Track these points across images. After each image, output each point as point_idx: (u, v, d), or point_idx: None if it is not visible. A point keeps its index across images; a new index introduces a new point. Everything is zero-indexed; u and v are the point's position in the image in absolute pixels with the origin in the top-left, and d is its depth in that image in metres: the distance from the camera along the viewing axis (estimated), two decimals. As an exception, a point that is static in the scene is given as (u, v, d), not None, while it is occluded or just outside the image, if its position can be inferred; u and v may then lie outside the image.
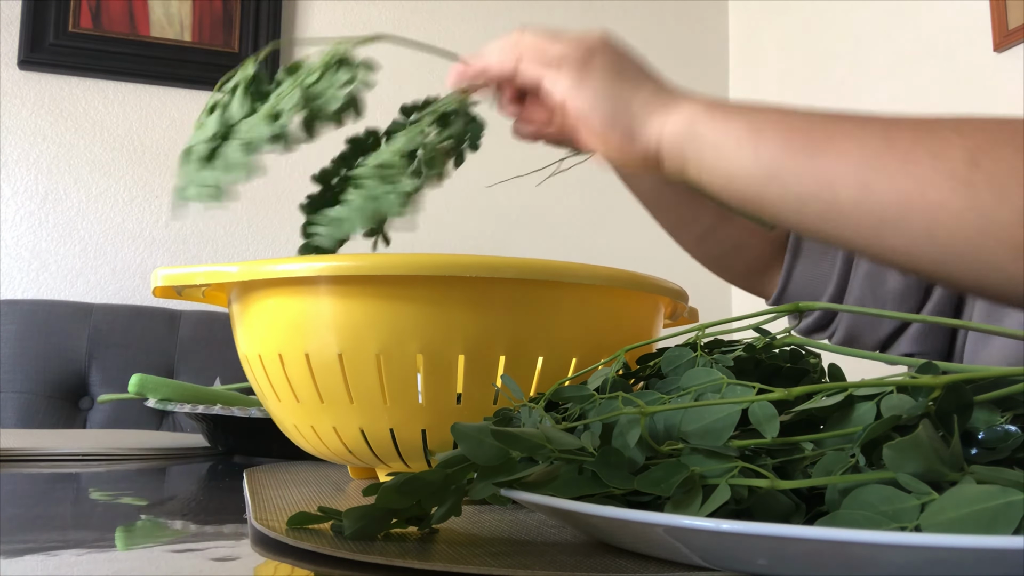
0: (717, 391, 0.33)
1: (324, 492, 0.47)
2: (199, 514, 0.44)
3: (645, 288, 0.48)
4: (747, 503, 0.28)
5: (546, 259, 0.60)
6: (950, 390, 0.29)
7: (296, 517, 0.34)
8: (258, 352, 0.48)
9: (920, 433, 0.26)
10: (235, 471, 0.65)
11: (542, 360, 0.45)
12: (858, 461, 0.28)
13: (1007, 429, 0.30)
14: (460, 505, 0.32)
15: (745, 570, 0.27)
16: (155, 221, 1.85)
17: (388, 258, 0.43)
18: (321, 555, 0.31)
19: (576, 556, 0.30)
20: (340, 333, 0.44)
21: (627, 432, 0.31)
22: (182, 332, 1.63)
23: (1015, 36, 1.49)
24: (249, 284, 0.47)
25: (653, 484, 0.28)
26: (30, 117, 1.79)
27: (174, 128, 1.88)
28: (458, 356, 0.44)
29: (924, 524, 0.24)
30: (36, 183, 1.79)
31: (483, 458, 0.30)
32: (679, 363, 0.39)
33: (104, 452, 0.72)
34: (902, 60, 1.75)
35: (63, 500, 0.50)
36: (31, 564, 0.31)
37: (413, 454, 0.46)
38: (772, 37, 2.16)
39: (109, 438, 0.88)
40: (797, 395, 0.30)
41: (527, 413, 0.38)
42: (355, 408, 0.45)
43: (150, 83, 1.87)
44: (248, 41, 1.91)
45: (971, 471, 0.26)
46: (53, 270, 1.78)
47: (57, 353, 1.55)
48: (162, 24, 1.87)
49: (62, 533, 0.37)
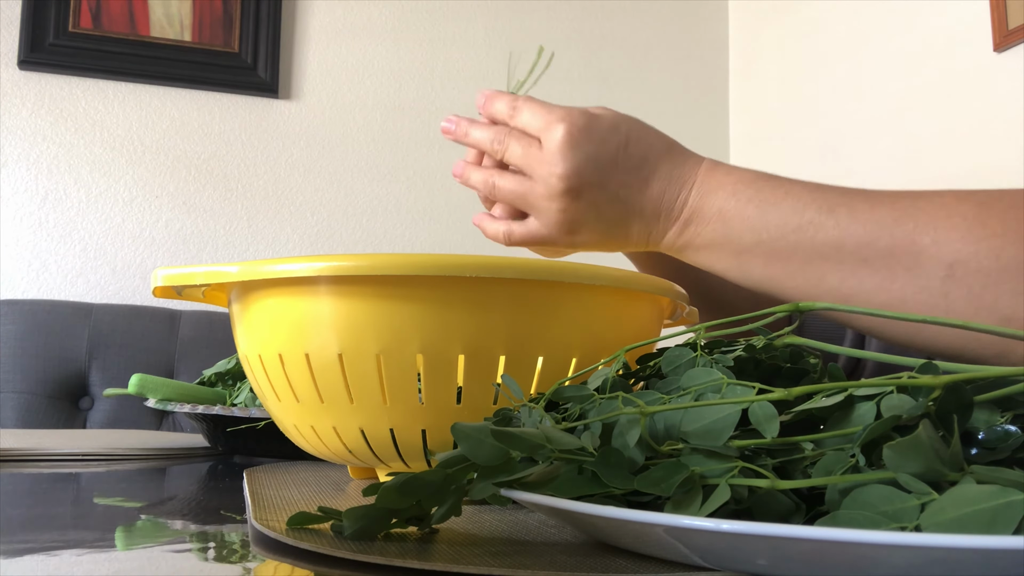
0: (717, 391, 0.33)
1: (324, 492, 0.47)
2: (199, 514, 0.44)
3: (645, 288, 0.48)
4: (747, 503, 0.28)
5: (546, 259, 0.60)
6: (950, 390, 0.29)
7: (296, 517, 0.34)
8: (258, 352, 0.48)
9: (920, 433, 0.26)
10: (235, 471, 0.65)
11: (542, 360, 0.45)
12: (858, 461, 0.28)
13: (1007, 429, 0.30)
14: (460, 505, 0.32)
15: (745, 570, 0.27)
16: (155, 221, 1.85)
17: (388, 258, 0.43)
18: (321, 555, 0.31)
19: (576, 556, 0.30)
20: (340, 333, 0.44)
21: (627, 432, 0.31)
22: (182, 332, 1.63)
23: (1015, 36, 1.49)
24: (249, 284, 0.47)
25: (653, 484, 0.28)
26: (30, 117, 1.79)
27: (174, 128, 1.88)
28: (458, 356, 0.44)
29: (924, 524, 0.24)
30: (36, 183, 1.79)
31: (483, 458, 0.30)
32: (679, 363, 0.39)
33: (104, 452, 0.72)
34: (902, 60, 1.75)
35: (63, 500, 0.50)
36: (31, 564, 0.31)
37: (413, 454, 0.46)
38: (772, 37, 2.16)
39: (109, 438, 0.88)
40: (797, 395, 0.30)
41: (527, 413, 0.38)
42: (355, 408, 0.45)
43: (150, 83, 1.87)
44: (248, 41, 1.92)
45: (971, 471, 0.26)
46: (53, 270, 1.78)
47: (57, 353, 1.55)
48: (162, 24, 1.87)
49: (62, 533, 0.37)
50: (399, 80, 2.07)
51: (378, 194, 2.01)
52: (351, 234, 1.97)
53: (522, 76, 0.62)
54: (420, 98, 2.07)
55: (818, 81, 1.99)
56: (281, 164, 1.95)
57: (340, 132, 2.00)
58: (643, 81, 2.20)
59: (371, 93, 2.04)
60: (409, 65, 2.09)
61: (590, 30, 2.19)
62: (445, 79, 2.10)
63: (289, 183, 1.95)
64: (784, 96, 2.11)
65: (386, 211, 2.01)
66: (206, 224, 1.88)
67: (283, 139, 1.96)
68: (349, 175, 1.99)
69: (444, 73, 2.10)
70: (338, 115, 2.01)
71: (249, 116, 1.93)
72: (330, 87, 2.01)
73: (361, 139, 2.02)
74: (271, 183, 1.93)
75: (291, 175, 1.96)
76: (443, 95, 2.09)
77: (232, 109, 1.92)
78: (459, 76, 2.10)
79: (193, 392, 0.82)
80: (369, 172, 2.01)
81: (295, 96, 1.98)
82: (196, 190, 1.88)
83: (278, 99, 1.96)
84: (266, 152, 1.94)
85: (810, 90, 2.02)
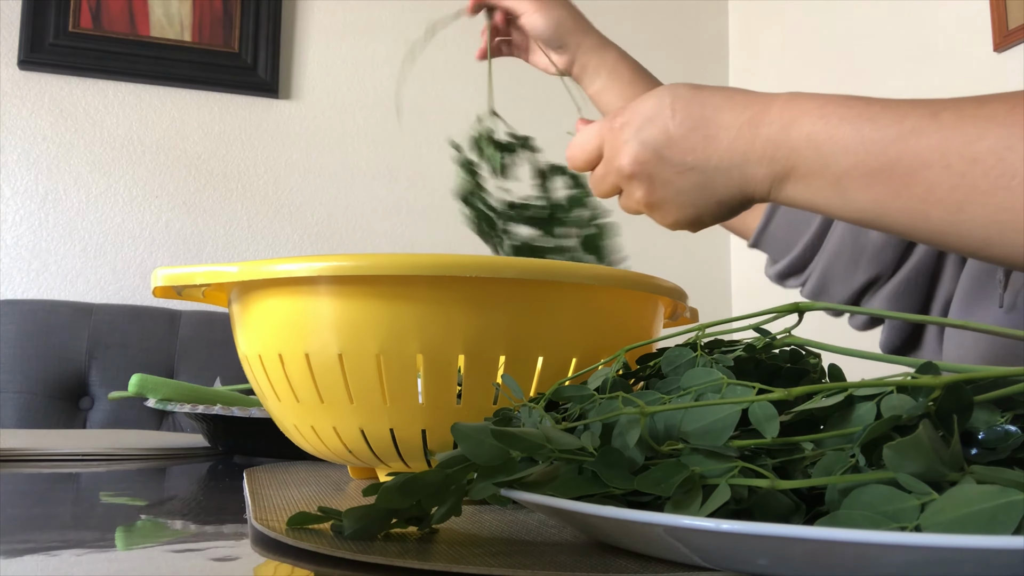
0: (717, 391, 0.33)
1: (324, 492, 0.47)
2: (199, 514, 0.44)
3: (645, 288, 0.48)
4: (747, 503, 0.28)
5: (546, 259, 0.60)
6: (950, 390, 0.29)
7: (296, 517, 0.34)
8: (258, 352, 0.48)
9: (920, 433, 0.26)
10: (235, 471, 0.65)
11: (542, 360, 0.45)
12: (858, 461, 0.28)
13: (1007, 429, 0.30)
14: (460, 505, 0.32)
15: (745, 570, 0.27)
16: (155, 221, 1.85)
17: (388, 258, 0.43)
18: (321, 555, 0.31)
19: (576, 556, 0.30)
20: (340, 333, 0.44)
21: (627, 432, 0.31)
22: (182, 332, 1.63)
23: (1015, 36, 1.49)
24: (249, 284, 0.47)
25: (653, 484, 0.28)
26: (30, 117, 1.79)
27: (174, 128, 1.88)
28: (458, 356, 0.44)
29: (924, 524, 0.24)
30: (36, 183, 1.79)
31: (483, 458, 0.30)
32: (679, 363, 0.39)
33: (104, 452, 0.72)
34: (902, 60, 1.75)
35: (63, 500, 0.50)
36: (31, 564, 0.31)
37: (413, 454, 0.46)
38: (772, 37, 2.16)
39: (109, 438, 0.88)
40: (797, 395, 0.30)
41: (527, 413, 0.38)
42: (355, 408, 0.45)
43: (150, 83, 1.87)
44: (248, 41, 1.91)
45: (971, 471, 0.26)
46: (53, 270, 1.78)
47: (57, 353, 1.55)
48: (162, 24, 1.87)
49: (62, 533, 0.37)
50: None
51: (378, 194, 2.01)
52: (351, 234, 1.97)
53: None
54: (420, 98, 2.07)
55: (818, 81, 1.99)
56: (281, 164, 1.95)
57: (340, 132, 2.00)
58: (643, 81, 2.19)
59: (371, 93, 2.04)
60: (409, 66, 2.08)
61: (590, 30, 2.19)
62: (445, 79, 2.10)
63: (289, 183, 1.95)
64: (784, 96, 2.11)
65: (386, 211, 2.01)
66: (206, 224, 1.88)
67: (283, 139, 1.96)
68: (349, 175, 1.99)
69: (444, 73, 2.10)
70: (338, 115, 2.01)
71: (249, 116, 1.93)
72: (330, 87, 2.01)
73: (361, 139, 2.02)
74: (271, 183, 1.93)
75: (291, 175, 1.96)
76: (443, 95, 2.09)
77: (232, 109, 1.92)
78: (459, 76, 2.10)
79: (193, 392, 0.82)
80: (369, 172, 2.01)
81: (295, 96, 1.98)
82: (196, 190, 1.88)
83: (278, 99, 1.96)
84: (266, 152, 1.94)
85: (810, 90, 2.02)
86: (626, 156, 0.53)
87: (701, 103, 0.52)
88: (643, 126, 0.52)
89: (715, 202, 0.52)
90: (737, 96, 0.52)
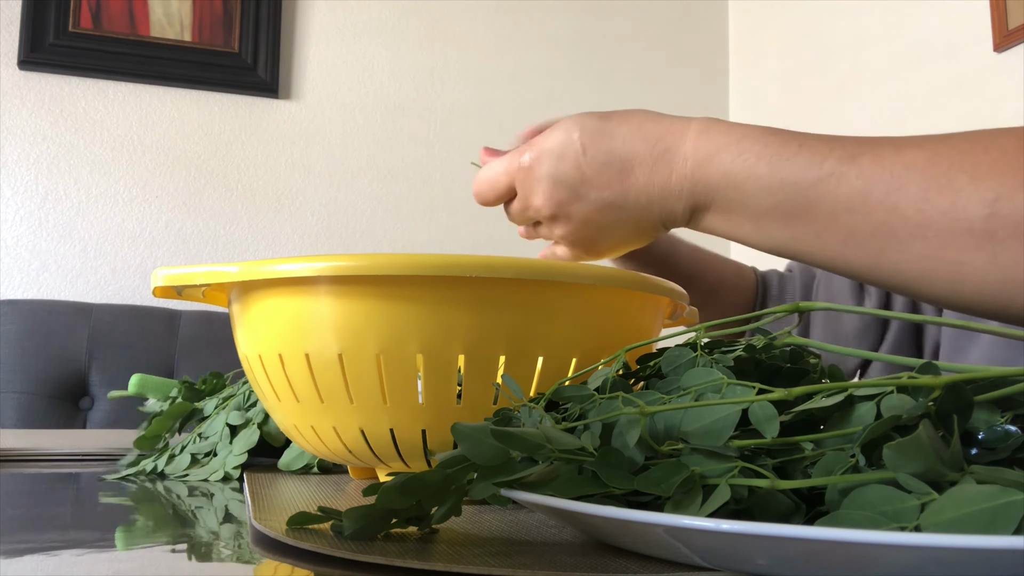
0: (717, 391, 0.33)
1: (324, 492, 0.47)
2: (199, 514, 0.44)
3: (645, 288, 0.48)
4: (747, 503, 0.28)
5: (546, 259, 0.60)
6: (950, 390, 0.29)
7: (296, 517, 0.34)
8: (258, 352, 0.48)
9: (920, 433, 0.26)
10: (235, 471, 0.65)
11: (542, 360, 0.45)
12: (858, 461, 0.28)
13: (1007, 429, 0.30)
14: (460, 505, 0.32)
15: (745, 570, 0.27)
16: (155, 221, 1.85)
17: (388, 258, 0.43)
18: (321, 555, 0.31)
19: (576, 556, 0.30)
20: (340, 333, 0.44)
21: (627, 432, 0.31)
22: (182, 332, 1.63)
23: (1015, 36, 1.49)
24: (249, 284, 0.47)
25: (653, 484, 0.28)
26: (30, 117, 1.79)
27: (174, 128, 1.88)
28: (458, 356, 0.44)
29: (924, 524, 0.24)
30: (36, 183, 1.79)
31: (483, 458, 0.30)
32: (679, 363, 0.39)
33: (104, 452, 0.72)
34: (902, 60, 1.75)
35: (63, 500, 0.50)
36: (31, 564, 0.31)
37: (413, 454, 0.46)
38: (772, 37, 2.16)
39: (109, 438, 0.88)
40: (797, 395, 0.30)
41: (527, 413, 0.38)
42: (355, 408, 0.45)
43: (150, 83, 1.87)
44: (248, 41, 1.92)
45: (971, 471, 0.26)
46: (53, 270, 1.78)
47: (57, 353, 1.55)
48: (162, 24, 1.87)
49: (62, 533, 0.37)
50: (399, 80, 2.07)
51: (378, 194, 2.01)
52: (351, 234, 1.97)
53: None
54: (420, 98, 2.07)
55: (818, 81, 1.99)
56: (281, 164, 1.95)
57: (340, 132, 2.00)
58: (643, 81, 2.20)
59: (371, 93, 2.04)
60: (409, 65, 2.08)
61: (590, 30, 2.19)
62: (445, 79, 2.10)
63: (289, 183, 1.95)
64: (784, 96, 2.11)
65: (386, 211, 2.01)
66: (206, 224, 1.88)
67: (283, 139, 1.96)
68: (349, 175, 1.99)
69: (444, 73, 2.10)
70: (338, 115, 2.01)
71: (249, 116, 1.93)
72: (330, 87, 2.01)
73: (361, 139, 2.02)
74: (271, 183, 1.93)
75: (291, 175, 1.96)
76: (443, 95, 2.09)
77: (232, 109, 1.92)
78: (459, 76, 2.10)
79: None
80: (369, 172, 2.01)
81: (295, 96, 1.98)
82: (196, 190, 1.88)
83: (278, 99, 1.96)
84: (266, 152, 1.94)
85: (810, 90, 2.02)
86: (542, 196, 0.53)
87: (609, 136, 0.51)
88: (555, 163, 0.52)
89: (636, 232, 0.53)
90: (647, 125, 0.51)
